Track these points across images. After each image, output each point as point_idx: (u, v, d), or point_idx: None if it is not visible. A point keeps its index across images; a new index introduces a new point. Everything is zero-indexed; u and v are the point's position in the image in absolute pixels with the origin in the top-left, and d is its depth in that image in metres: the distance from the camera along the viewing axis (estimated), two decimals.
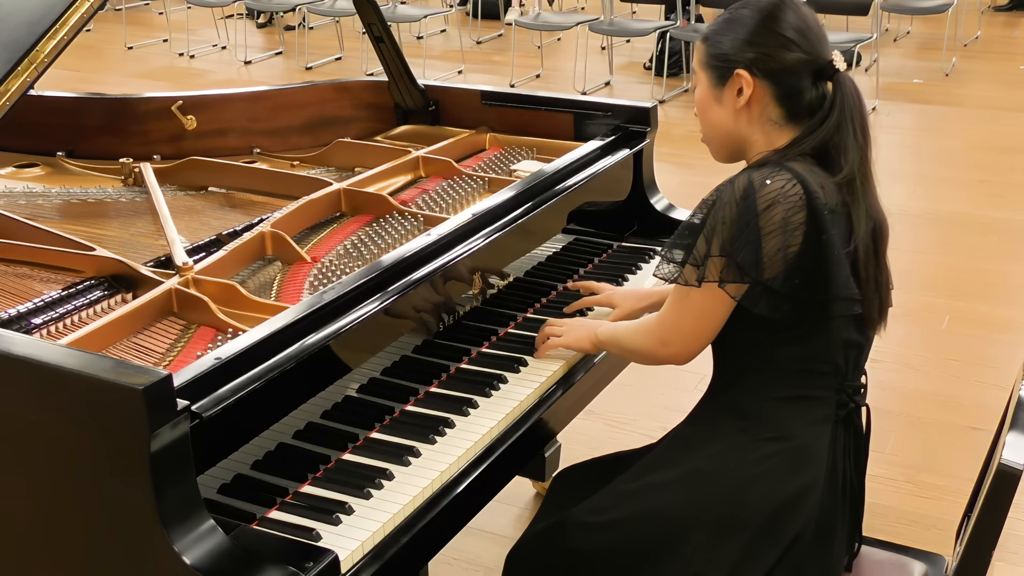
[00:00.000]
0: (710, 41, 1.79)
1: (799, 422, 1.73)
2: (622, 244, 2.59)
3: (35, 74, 2.00)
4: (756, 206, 1.63)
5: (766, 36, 1.72)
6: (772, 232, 1.63)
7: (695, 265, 1.68)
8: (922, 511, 2.91)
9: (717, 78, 1.77)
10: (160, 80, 7.98)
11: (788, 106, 1.74)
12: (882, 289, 1.76)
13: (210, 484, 1.54)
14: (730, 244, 1.64)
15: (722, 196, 1.67)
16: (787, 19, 1.72)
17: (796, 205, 1.63)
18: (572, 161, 2.40)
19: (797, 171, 1.66)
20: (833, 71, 1.72)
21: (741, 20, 1.75)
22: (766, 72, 1.72)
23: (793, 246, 1.64)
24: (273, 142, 2.85)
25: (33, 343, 1.57)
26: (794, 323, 1.69)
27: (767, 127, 1.75)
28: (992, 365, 3.68)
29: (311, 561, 1.46)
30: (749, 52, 1.73)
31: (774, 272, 1.64)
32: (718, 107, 1.79)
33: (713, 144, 1.85)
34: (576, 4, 10.03)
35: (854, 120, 1.71)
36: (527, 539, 1.89)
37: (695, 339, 1.76)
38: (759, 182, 1.64)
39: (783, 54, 1.71)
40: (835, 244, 1.65)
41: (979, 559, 1.55)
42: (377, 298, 1.82)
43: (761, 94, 1.74)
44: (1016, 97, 7.03)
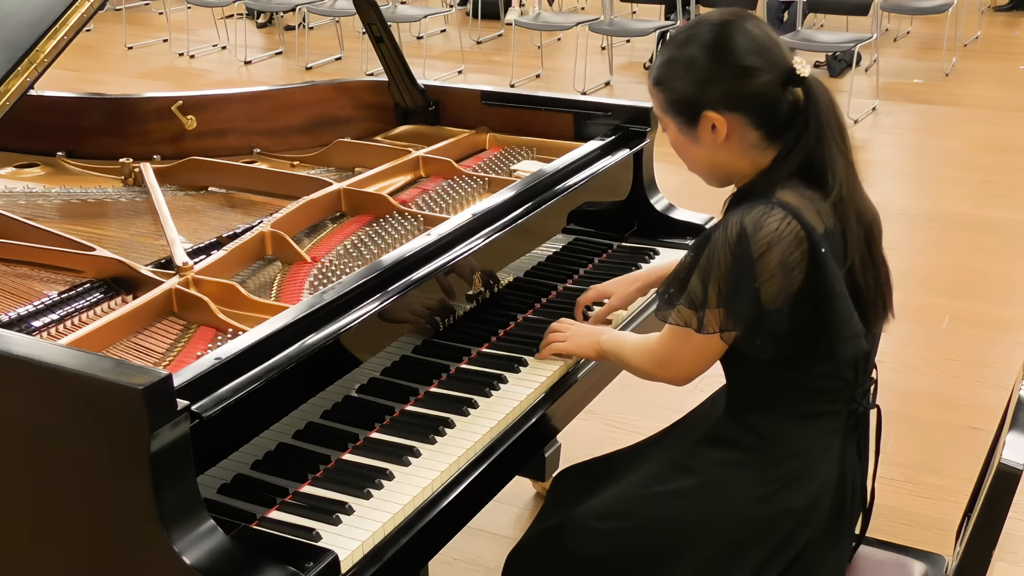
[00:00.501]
0: (664, 87, 1.70)
1: (811, 439, 1.71)
2: (622, 244, 2.59)
3: (35, 74, 2.00)
4: (751, 253, 1.57)
5: (724, 71, 1.64)
6: (770, 278, 1.58)
7: (692, 308, 1.64)
8: (922, 511, 2.90)
9: (684, 122, 1.70)
10: (160, 80, 7.98)
11: (767, 126, 1.67)
12: (883, 287, 1.73)
13: (210, 484, 1.54)
14: (728, 295, 1.60)
15: (715, 242, 1.61)
16: (738, 44, 1.64)
17: (792, 244, 1.57)
18: (572, 161, 2.40)
19: (790, 205, 1.60)
20: (799, 78, 1.64)
21: (691, 60, 1.66)
22: (735, 106, 1.65)
23: (793, 285, 1.59)
24: (273, 142, 2.85)
25: (33, 343, 1.57)
26: (800, 353, 1.65)
27: (750, 152, 1.69)
28: (992, 365, 3.68)
29: (311, 561, 1.46)
30: (711, 92, 1.65)
31: (776, 314, 1.60)
32: (696, 146, 1.72)
33: (701, 175, 1.80)
34: (576, 4, 10.03)
35: (831, 126, 1.65)
36: (528, 540, 1.89)
37: (692, 368, 1.74)
38: (752, 227, 1.58)
39: (747, 83, 1.63)
40: (836, 276, 1.61)
41: (979, 559, 1.55)
42: (377, 298, 1.82)
43: (736, 125, 1.66)
44: (1016, 97, 7.03)
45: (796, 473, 1.70)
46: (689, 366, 1.73)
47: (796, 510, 1.69)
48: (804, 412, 1.71)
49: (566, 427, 2.22)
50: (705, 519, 1.71)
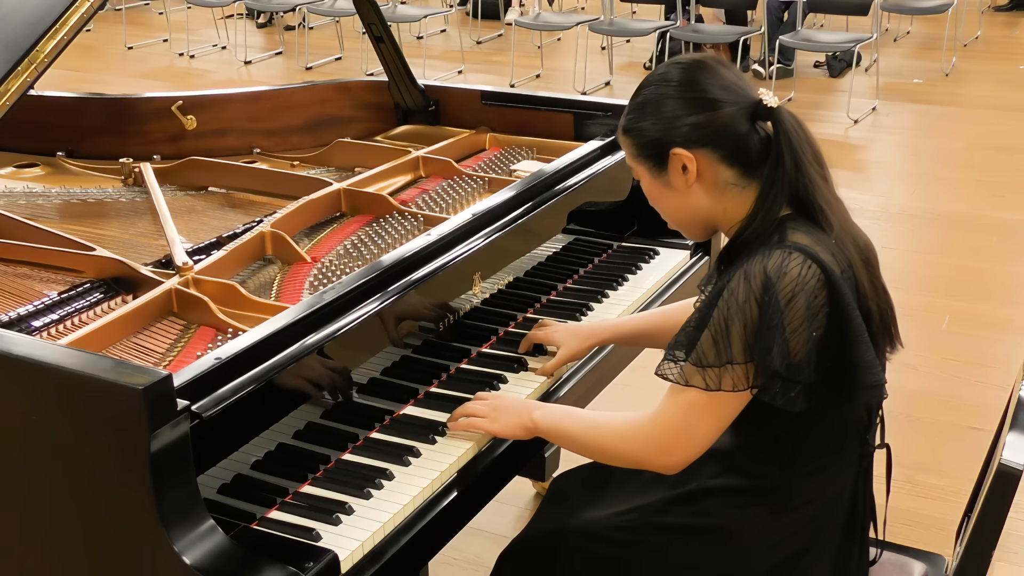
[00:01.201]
0: (632, 132, 1.66)
1: (823, 489, 1.68)
2: (622, 244, 2.59)
3: (35, 74, 2.00)
4: (779, 302, 1.50)
5: (691, 106, 1.60)
6: (799, 326, 1.51)
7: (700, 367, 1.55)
8: (922, 511, 2.91)
9: (654, 166, 1.65)
10: (160, 80, 7.98)
11: (739, 163, 1.61)
12: (886, 316, 1.68)
13: (210, 484, 1.54)
14: (760, 349, 1.51)
15: (733, 291, 1.53)
16: (703, 80, 1.61)
17: (815, 288, 1.52)
18: (572, 161, 2.40)
19: (806, 248, 1.54)
20: (767, 110, 1.59)
21: (656, 101, 1.63)
22: (702, 140, 1.60)
23: (819, 329, 1.53)
24: (273, 142, 2.85)
25: (33, 343, 1.57)
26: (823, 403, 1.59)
27: (728, 191, 1.63)
28: (992, 365, 3.68)
29: (311, 561, 1.46)
30: (679, 128, 1.60)
31: (806, 364, 1.53)
32: (670, 192, 1.66)
33: (682, 228, 1.74)
34: (576, 4, 10.03)
35: (806, 154, 1.59)
36: (522, 542, 1.87)
37: (704, 443, 1.60)
38: (775, 273, 1.51)
39: (713, 116, 1.59)
40: (857, 321, 1.56)
41: (979, 559, 1.55)
42: (377, 298, 1.82)
43: (707, 162, 1.61)
44: (1016, 97, 7.03)
45: (806, 520, 1.67)
46: (699, 445, 1.60)
47: (803, 556, 1.67)
48: (819, 464, 1.67)
49: None
50: (706, 560, 1.69)
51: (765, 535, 1.68)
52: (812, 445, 1.66)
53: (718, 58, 1.68)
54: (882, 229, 4.80)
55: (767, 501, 1.68)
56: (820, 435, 1.65)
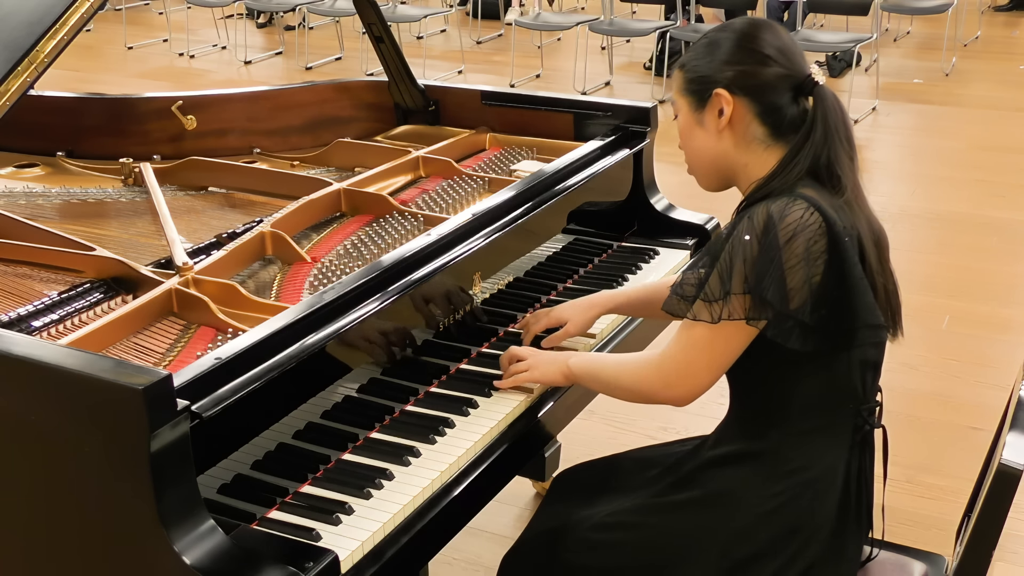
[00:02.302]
0: (688, 67, 1.77)
1: (817, 454, 1.70)
2: (622, 244, 2.59)
3: (35, 74, 2.00)
4: (778, 240, 1.59)
5: (744, 55, 1.70)
6: (796, 265, 1.59)
7: (707, 301, 1.63)
8: (922, 511, 2.90)
9: (697, 102, 1.75)
10: (160, 80, 7.99)
11: (771, 123, 1.70)
12: (891, 297, 1.73)
13: (210, 484, 1.54)
14: (756, 281, 1.60)
15: (739, 232, 1.62)
16: (764, 38, 1.71)
17: (816, 234, 1.59)
18: (572, 161, 2.40)
19: (811, 198, 1.62)
20: (812, 85, 1.69)
21: (718, 43, 1.74)
22: (745, 89, 1.70)
23: (816, 275, 1.60)
24: (273, 142, 2.85)
25: (33, 343, 1.57)
26: (819, 354, 1.65)
27: (753, 147, 1.72)
28: (992, 365, 3.68)
29: (311, 561, 1.46)
30: (727, 71, 1.70)
31: (801, 304, 1.60)
32: (701, 131, 1.76)
33: (700, 172, 1.81)
34: (576, 4, 10.03)
35: (839, 131, 1.68)
36: (525, 542, 1.88)
37: (705, 378, 1.69)
38: (778, 215, 1.60)
39: (761, 70, 1.69)
40: (856, 270, 1.62)
41: (979, 559, 1.55)
42: (377, 298, 1.82)
43: (742, 112, 1.71)
44: (1016, 97, 7.03)
45: (801, 488, 1.69)
46: (700, 379, 1.69)
47: (800, 529, 1.68)
48: (810, 426, 1.70)
49: (566, 427, 2.22)
50: (707, 533, 1.70)
51: (760, 499, 1.69)
52: (804, 403, 1.70)
53: (780, 25, 1.79)
54: None
55: (761, 463, 1.71)
56: (812, 394, 1.69)
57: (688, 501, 1.74)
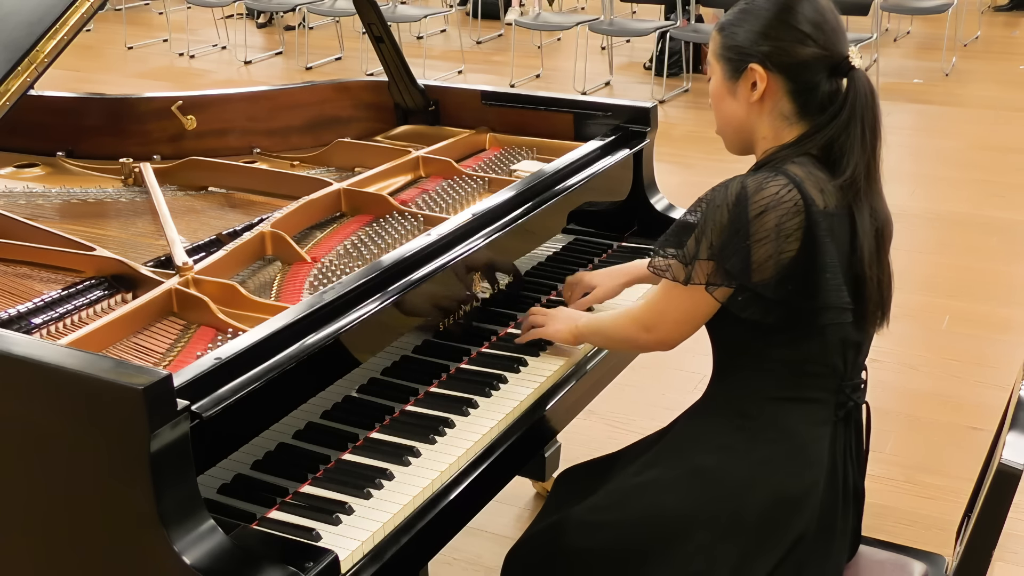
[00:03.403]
0: (725, 32, 1.76)
1: (798, 423, 1.72)
2: (622, 244, 2.59)
3: (35, 74, 2.00)
4: (748, 212, 1.61)
5: (781, 29, 1.69)
6: (764, 239, 1.61)
7: (683, 262, 1.68)
8: (922, 511, 2.91)
9: (731, 71, 1.75)
10: (160, 80, 7.98)
11: (801, 102, 1.71)
12: (884, 288, 1.74)
13: (210, 484, 1.54)
14: (719, 249, 1.63)
15: (714, 199, 1.65)
16: (803, 12, 1.69)
17: (790, 211, 1.61)
18: (572, 161, 2.40)
19: (794, 175, 1.63)
20: (849, 67, 1.69)
21: (757, 11, 1.72)
22: (780, 67, 1.70)
23: (788, 252, 1.62)
24: (273, 142, 2.85)
25: (33, 343, 1.57)
26: (786, 327, 1.68)
27: (777, 122, 1.73)
28: (992, 365, 3.68)
29: (311, 561, 1.46)
30: (764, 45, 1.70)
31: (764, 278, 1.62)
32: (732, 100, 1.77)
33: (726, 136, 1.83)
34: (576, 4, 10.03)
35: (864, 119, 1.68)
36: (527, 539, 1.89)
37: (679, 329, 1.77)
38: (753, 188, 1.62)
39: (798, 48, 1.68)
40: (830, 251, 1.63)
41: (979, 559, 1.55)
42: (377, 298, 1.82)
43: (775, 88, 1.71)
44: (1016, 97, 7.03)
45: (784, 458, 1.70)
46: (675, 327, 1.76)
47: (787, 500, 1.69)
48: (790, 394, 1.73)
49: (566, 427, 2.22)
50: (695, 507, 1.72)
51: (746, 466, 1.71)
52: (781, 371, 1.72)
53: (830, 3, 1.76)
54: None
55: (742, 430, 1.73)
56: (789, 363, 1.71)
57: (675, 477, 1.75)
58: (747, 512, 1.69)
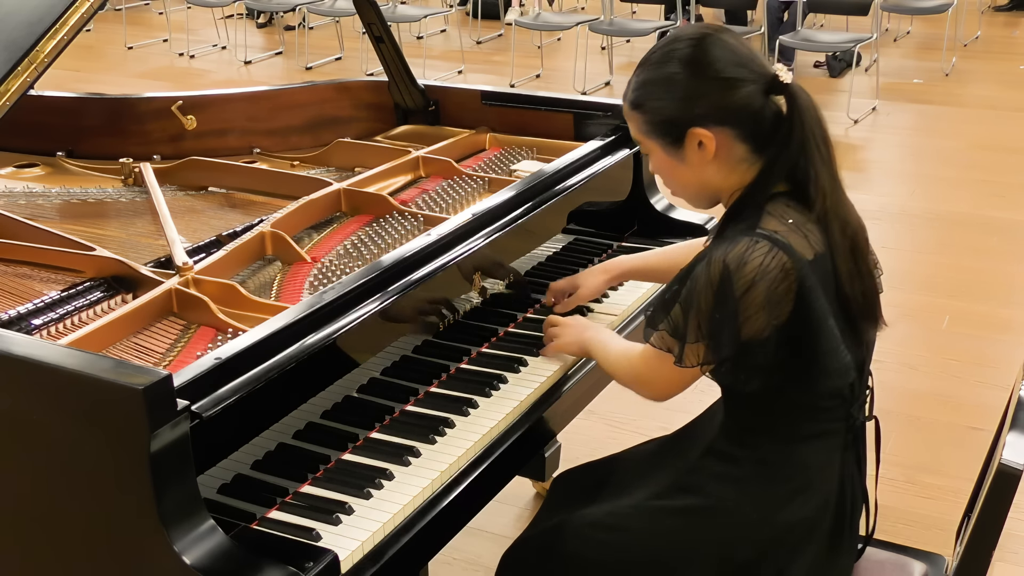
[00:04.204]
0: (645, 108, 1.66)
1: (810, 456, 1.69)
2: (622, 244, 2.59)
3: (35, 74, 2.00)
4: (735, 291, 1.53)
5: (705, 85, 1.60)
6: (756, 313, 1.54)
7: (674, 337, 1.62)
8: (922, 511, 2.91)
9: (671, 142, 1.65)
10: (160, 80, 7.98)
11: (752, 139, 1.63)
12: (869, 297, 1.67)
13: (210, 484, 1.54)
14: (709, 333, 1.57)
15: (697, 278, 1.58)
16: (717, 57, 1.60)
17: (778, 278, 1.53)
18: (572, 161, 2.40)
19: (775, 236, 1.55)
20: (782, 86, 1.60)
21: (670, 78, 1.63)
22: (721, 119, 1.61)
23: (782, 316, 1.56)
24: (273, 142, 2.85)
25: (33, 343, 1.57)
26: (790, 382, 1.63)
27: (738, 167, 1.65)
28: (992, 365, 3.68)
29: (311, 561, 1.46)
30: (696, 108, 1.61)
31: (761, 347, 1.56)
32: (683, 167, 1.67)
33: (688, 199, 1.76)
34: (576, 4, 10.03)
35: (815, 134, 1.60)
36: (523, 541, 1.88)
37: (670, 390, 1.73)
38: (735, 264, 1.53)
39: (732, 95, 1.60)
40: (823, 310, 1.57)
41: (979, 559, 1.55)
42: (377, 298, 1.82)
43: (724, 140, 1.62)
44: (1016, 97, 7.03)
45: (796, 491, 1.68)
46: (667, 387, 1.73)
47: (797, 527, 1.68)
48: (802, 433, 1.68)
49: (566, 427, 2.22)
50: (703, 538, 1.70)
51: (758, 505, 1.68)
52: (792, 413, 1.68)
53: (722, 28, 1.69)
54: (882, 229, 4.80)
55: (756, 471, 1.70)
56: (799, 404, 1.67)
57: (686, 507, 1.73)
58: (756, 545, 1.68)
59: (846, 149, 6.21)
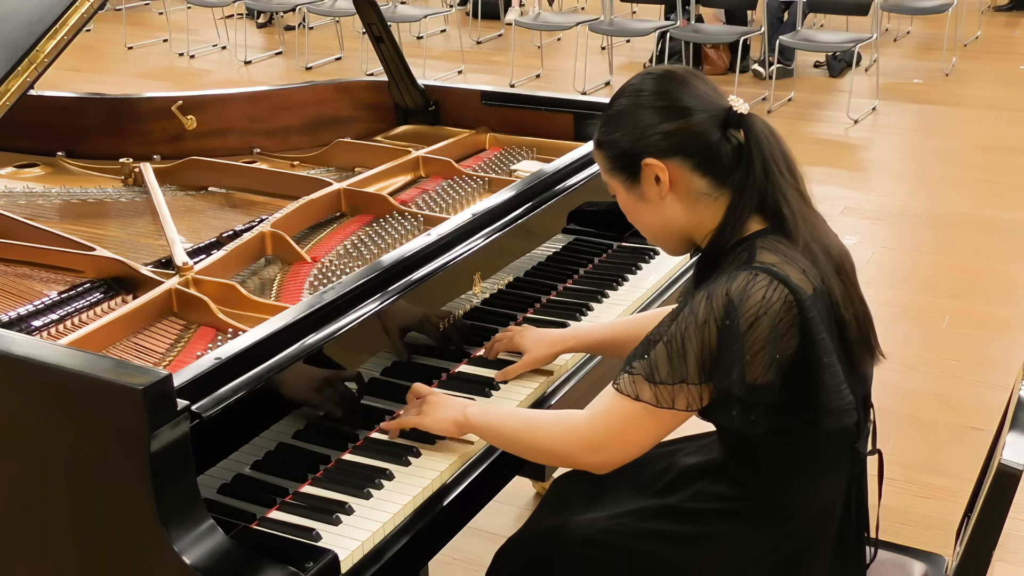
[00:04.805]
0: (604, 146, 1.65)
1: (815, 493, 1.66)
2: (622, 244, 2.59)
3: (35, 74, 2.00)
4: (739, 326, 1.48)
5: (659, 115, 1.59)
6: (761, 350, 1.49)
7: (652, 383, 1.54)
8: (922, 511, 2.91)
9: (627, 178, 1.64)
10: (160, 80, 7.98)
11: (711, 172, 1.59)
12: (863, 324, 1.64)
13: (210, 484, 1.54)
14: (716, 370, 1.51)
15: (696, 314, 1.51)
16: (673, 89, 1.60)
17: (780, 311, 1.49)
18: (572, 161, 2.40)
19: (772, 268, 1.51)
20: (738, 117, 1.58)
21: (624, 112, 1.62)
22: (673, 149, 1.58)
23: (787, 351, 1.51)
24: (273, 142, 2.85)
25: (33, 343, 1.57)
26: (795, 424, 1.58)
27: (702, 202, 1.61)
28: (992, 365, 3.68)
29: (311, 561, 1.46)
30: (649, 138, 1.59)
31: (768, 386, 1.51)
32: (644, 205, 1.65)
33: (660, 242, 1.73)
34: (576, 4, 10.03)
35: (776, 161, 1.58)
36: (518, 540, 1.87)
37: (638, 448, 1.61)
38: (738, 297, 1.49)
39: (686, 124, 1.58)
40: (825, 345, 1.52)
41: (979, 559, 1.55)
42: (377, 298, 1.82)
43: (679, 172, 1.59)
44: (1016, 97, 7.03)
45: (799, 528, 1.66)
46: (633, 447, 1.60)
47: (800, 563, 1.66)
48: (806, 473, 1.65)
49: None
50: (702, 566, 1.68)
51: (758, 544, 1.67)
52: (798, 459, 1.64)
53: (690, 70, 1.67)
54: (882, 229, 4.80)
55: (759, 513, 1.67)
56: (805, 449, 1.63)
57: (682, 535, 1.70)
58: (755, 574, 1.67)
59: (846, 149, 6.21)
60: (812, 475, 1.65)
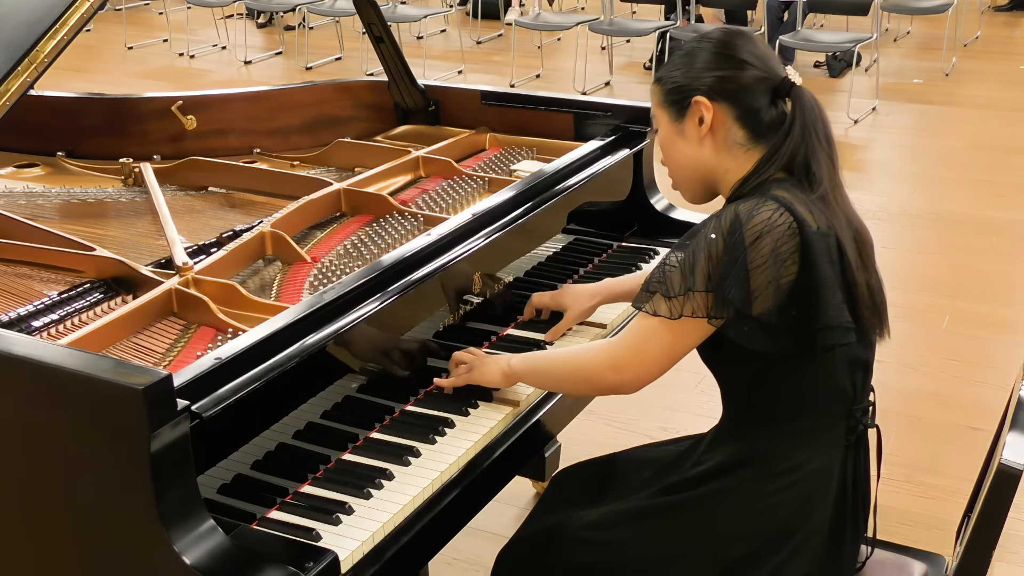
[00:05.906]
0: (664, 79, 1.78)
1: (809, 453, 1.69)
2: (622, 244, 2.59)
3: (35, 74, 2.00)
4: (744, 240, 1.59)
5: (721, 61, 1.72)
6: (761, 265, 1.59)
7: (667, 296, 1.63)
8: (922, 511, 2.91)
9: (676, 112, 1.76)
10: (160, 80, 7.98)
11: (751, 126, 1.71)
12: (875, 294, 1.71)
13: (210, 484, 1.54)
14: (719, 280, 1.60)
15: (706, 230, 1.63)
16: (740, 45, 1.73)
17: (785, 235, 1.59)
18: (572, 161, 2.40)
19: (783, 199, 1.62)
20: (790, 86, 1.70)
21: (694, 53, 1.75)
22: (724, 94, 1.71)
23: (786, 276, 1.60)
24: (273, 142, 2.85)
25: (33, 343, 1.57)
26: (793, 355, 1.65)
27: (734, 151, 1.73)
28: (992, 365, 3.68)
29: (311, 561, 1.46)
30: (705, 78, 1.72)
31: (766, 306, 1.60)
32: (682, 141, 1.77)
33: (684, 184, 1.82)
34: (576, 4, 10.03)
35: (817, 130, 1.68)
36: (520, 540, 1.88)
37: (654, 367, 1.69)
38: (745, 215, 1.60)
39: (739, 74, 1.70)
40: (827, 271, 1.61)
41: (979, 559, 1.55)
42: (377, 298, 1.82)
43: (723, 118, 1.72)
44: (1016, 97, 7.03)
45: (793, 489, 1.68)
46: (652, 365, 1.68)
47: (795, 531, 1.68)
48: (800, 427, 1.70)
49: (566, 427, 2.22)
50: (700, 535, 1.70)
51: (753, 499, 1.69)
52: (791, 403, 1.69)
53: (753, 33, 1.81)
54: (882, 229, 4.80)
55: (753, 465, 1.71)
56: (799, 394, 1.69)
57: (681, 503, 1.74)
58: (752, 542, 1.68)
59: (846, 149, 6.21)
60: (804, 428, 1.70)
